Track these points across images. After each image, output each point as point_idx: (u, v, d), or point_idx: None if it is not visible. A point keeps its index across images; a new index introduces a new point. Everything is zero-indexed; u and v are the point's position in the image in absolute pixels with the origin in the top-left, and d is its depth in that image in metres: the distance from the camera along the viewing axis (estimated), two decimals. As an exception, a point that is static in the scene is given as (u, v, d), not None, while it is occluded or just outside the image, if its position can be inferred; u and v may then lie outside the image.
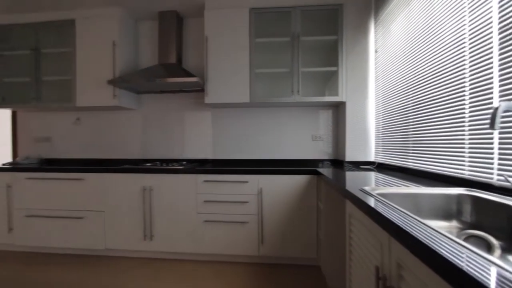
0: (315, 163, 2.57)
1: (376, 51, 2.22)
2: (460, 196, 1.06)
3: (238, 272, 2.00)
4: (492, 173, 1.04)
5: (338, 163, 2.50)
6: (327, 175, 1.69)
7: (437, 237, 0.58)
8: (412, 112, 1.65)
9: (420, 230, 0.63)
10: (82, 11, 2.50)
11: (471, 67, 1.15)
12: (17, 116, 2.96)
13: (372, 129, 2.29)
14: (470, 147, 1.16)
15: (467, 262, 0.47)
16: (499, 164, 1.01)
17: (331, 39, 2.30)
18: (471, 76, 1.15)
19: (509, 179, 0.94)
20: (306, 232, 2.06)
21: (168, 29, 2.55)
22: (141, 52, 2.80)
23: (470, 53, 1.15)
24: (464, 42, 1.18)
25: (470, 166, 1.16)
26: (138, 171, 2.19)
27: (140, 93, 2.77)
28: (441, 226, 1.05)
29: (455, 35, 1.24)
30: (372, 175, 1.68)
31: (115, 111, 2.83)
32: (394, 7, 1.88)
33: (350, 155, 2.30)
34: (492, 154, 1.04)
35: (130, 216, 2.21)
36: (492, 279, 0.41)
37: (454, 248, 0.53)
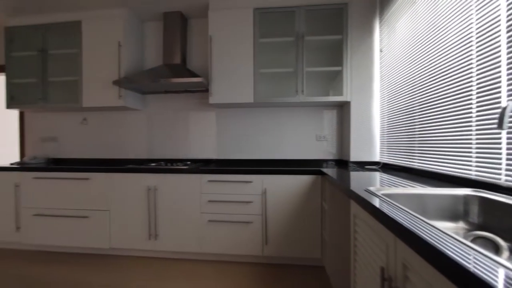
0: (320, 163, 2.56)
1: (381, 50, 2.21)
2: (466, 197, 1.05)
3: (242, 272, 2.00)
4: (500, 173, 1.03)
5: (342, 163, 2.49)
6: (331, 175, 1.69)
7: (443, 238, 0.58)
8: (418, 112, 1.63)
9: (426, 231, 0.62)
10: (88, 13, 2.54)
11: (478, 66, 1.13)
12: (24, 116, 3.02)
13: (377, 129, 2.27)
14: (477, 147, 1.15)
15: (474, 263, 0.46)
16: (507, 164, 1.00)
17: (336, 39, 2.28)
18: (478, 75, 1.13)
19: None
20: (310, 233, 2.05)
21: (172, 29, 2.56)
22: (146, 52, 2.82)
23: (477, 51, 1.13)
24: (471, 41, 1.17)
25: (477, 166, 1.15)
26: (143, 171, 2.21)
27: (145, 93, 2.79)
28: (447, 227, 1.04)
29: (462, 33, 1.23)
30: (377, 175, 1.66)
31: (121, 112, 2.86)
32: (399, 5, 1.86)
33: (355, 155, 2.29)
34: (500, 154, 1.03)
35: (135, 215, 2.23)
36: (500, 281, 0.40)
37: (461, 249, 0.52)
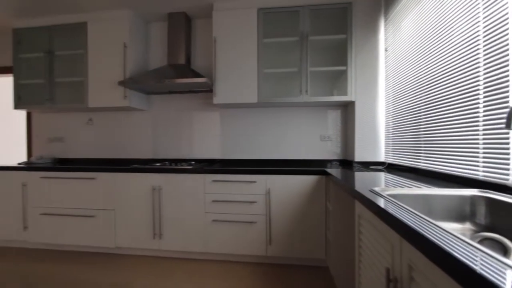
0: (324, 163, 2.55)
1: (386, 50, 2.19)
2: (473, 198, 1.03)
3: (246, 272, 2.01)
4: (508, 174, 1.01)
5: (347, 164, 2.47)
6: (335, 175, 1.68)
7: (450, 239, 0.57)
8: (424, 112, 1.61)
9: (433, 231, 0.62)
10: (94, 14, 2.57)
11: (485, 64, 1.11)
12: (31, 117, 3.06)
13: (382, 129, 2.25)
14: (485, 147, 1.13)
15: (481, 265, 0.45)
16: (516, 164, 0.98)
17: (340, 38, 2.27)
18: (485, 74, 1.12)
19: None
20: (314, 233, 2.05)
21: (177, 30, 2.58)
22: (150, 53, 2.84)
23: (484, 50, 1.12)
24: (478, 39, 1.15)
25: (485, 166, 1.13)
26: (147, 171, 2.23)
27: (149, 93, 2.81)
28: (454, 228, 1.02)
29: (468, 31, 1.21)
30: (382, 175, 1.65)
31: (126, 112, 2.88)
32: (404, 4, 1.84)
33: (359, 155, 2.27)
34: (508, 154, 1.01)
35: (140, 215, 2.24)
36: (508, 283, 0.40)
37: (468, 250, 0.51)
